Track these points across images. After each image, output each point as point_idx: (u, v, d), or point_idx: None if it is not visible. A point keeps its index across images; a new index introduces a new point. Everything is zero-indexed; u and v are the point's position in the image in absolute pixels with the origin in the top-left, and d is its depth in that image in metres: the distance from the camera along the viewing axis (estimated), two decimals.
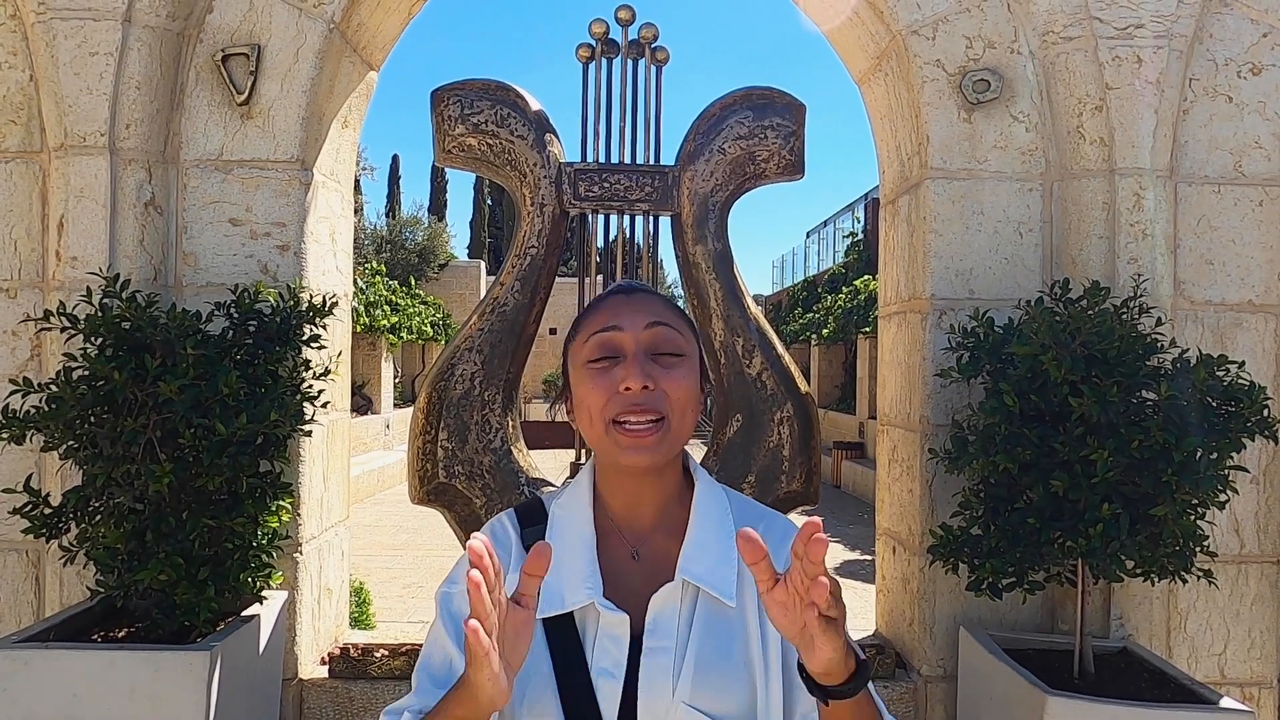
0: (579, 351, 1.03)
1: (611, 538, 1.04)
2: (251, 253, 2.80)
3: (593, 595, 0.97)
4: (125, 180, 2.68)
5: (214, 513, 2.31)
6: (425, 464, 2.68)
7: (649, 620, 0.97)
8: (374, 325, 11.87)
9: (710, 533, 1.02)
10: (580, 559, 1.00)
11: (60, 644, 2.23)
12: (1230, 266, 2.85)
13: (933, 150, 2.86)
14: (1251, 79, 2.84)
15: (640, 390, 0.97)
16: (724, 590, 0.99)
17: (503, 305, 2.73)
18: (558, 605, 0.97)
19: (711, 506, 1.05)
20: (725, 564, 1.00)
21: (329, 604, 3.12)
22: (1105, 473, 2.16)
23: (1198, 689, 2.30)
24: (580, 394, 1.01)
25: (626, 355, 0.99)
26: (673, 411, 0.98)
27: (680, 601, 0.99)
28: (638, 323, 1.01)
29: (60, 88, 2.63)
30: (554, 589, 0.97)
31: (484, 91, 2.74)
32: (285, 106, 2.79)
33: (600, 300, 1.08)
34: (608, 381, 0.98)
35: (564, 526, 1.04)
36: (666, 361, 1.00)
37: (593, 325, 1.03)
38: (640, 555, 1.03)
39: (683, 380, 0.99)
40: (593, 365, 1.01)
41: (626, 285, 1.09)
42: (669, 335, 1.01)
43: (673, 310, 1.06)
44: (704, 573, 0.99)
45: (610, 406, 0.98)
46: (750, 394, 2.73)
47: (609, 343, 1.00)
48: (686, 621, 0.98)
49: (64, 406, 2.22)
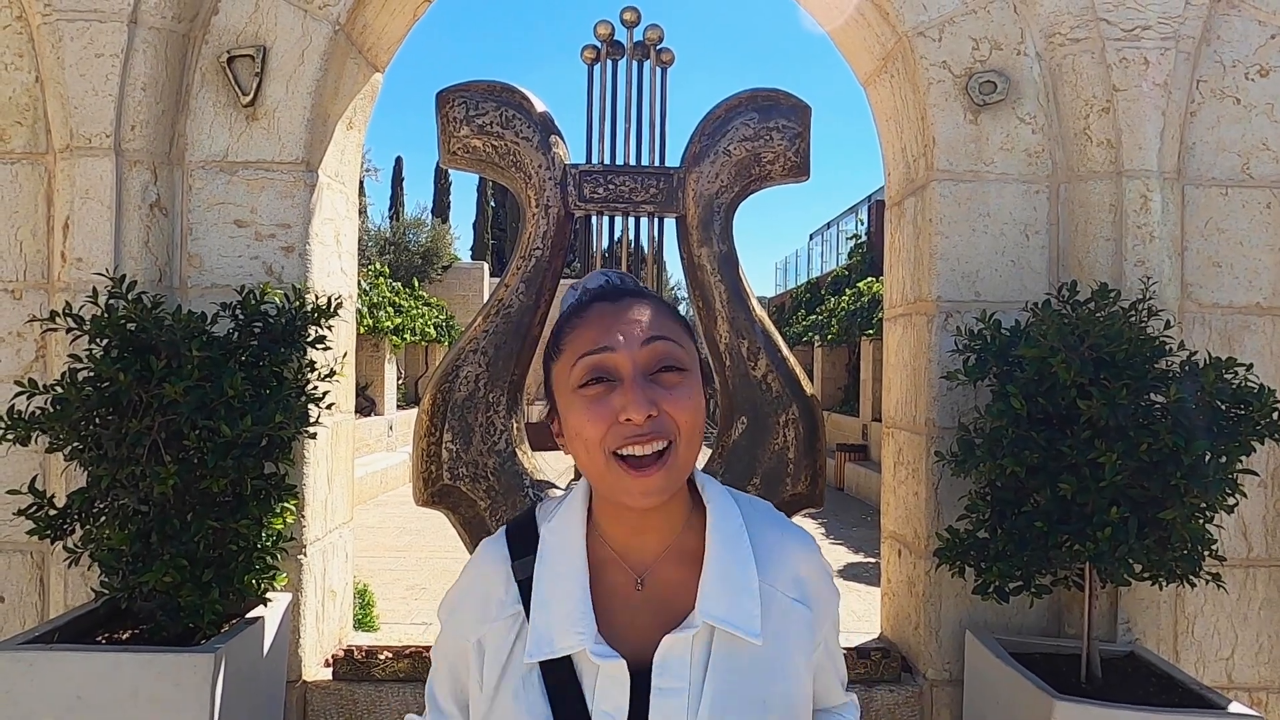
0: (566, 374, 0.91)
1: (611, 567, 0.95)
2: (256, 254, 2.80)
3: (584, 642, 0.89)
4: (130, 182, 2.68)
5: (218, 514, 2.30)
6: (430, 466, 2.68)
7: (658, 659, 0.89)
8: (377, 327, 11.87)
9: (730, 564, 0.92)
10: (572, 598, 0.91)
11: (64, 646, 2.22)
12: (1238, 269, 2.84)
13: (939, 152, 2.85)
14: (1259, 81, 2.83)
15: (644, 420, 0.86)
16: (749, 629, 0.89)
17: (508, 307, 2.73)
18: (547, 650, 0.89)
19: (728, 532, 0.94)
20: (748, 596, 0.91)
21: (333, 606, 3.11)
22: (1114, 476, 2.15)
23: (1206, 694, 2.28)
24: (574, 424, 0.90)
25: (623, 379, 0.88)
26: (680, 437, 0.88)
27: (692, 641, 0.90)
28: (632, 340, 0.89)
29: (66, 89, 2.63)
30: (543, 630, 0.90)
31: (489, 93, 2.74)
32: (290, 108, 2.79)
33: (583, 309, 0.94)
34: (605, 410, 0.87)
35: (554, 557, 0.94)
36: (668, 380, 0.89)
37: (580, 344, 0.90)
38: (645, 584, 0.94)
39: (688, 401, 0.89)
40: (584, 391, 0.89)
41: (610, 288, 0.97)
42: (668, 350, 0.90)
43: (668, 316, 0.94)
44: (726, 613, 0.89)
45: (610, 438, 0.87)
46: (755, 396, 2.72)
47: (601, 365, 0.88)
48: (701, 661, 0.89)
49: (69, 408, 2.22)
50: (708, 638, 0.90)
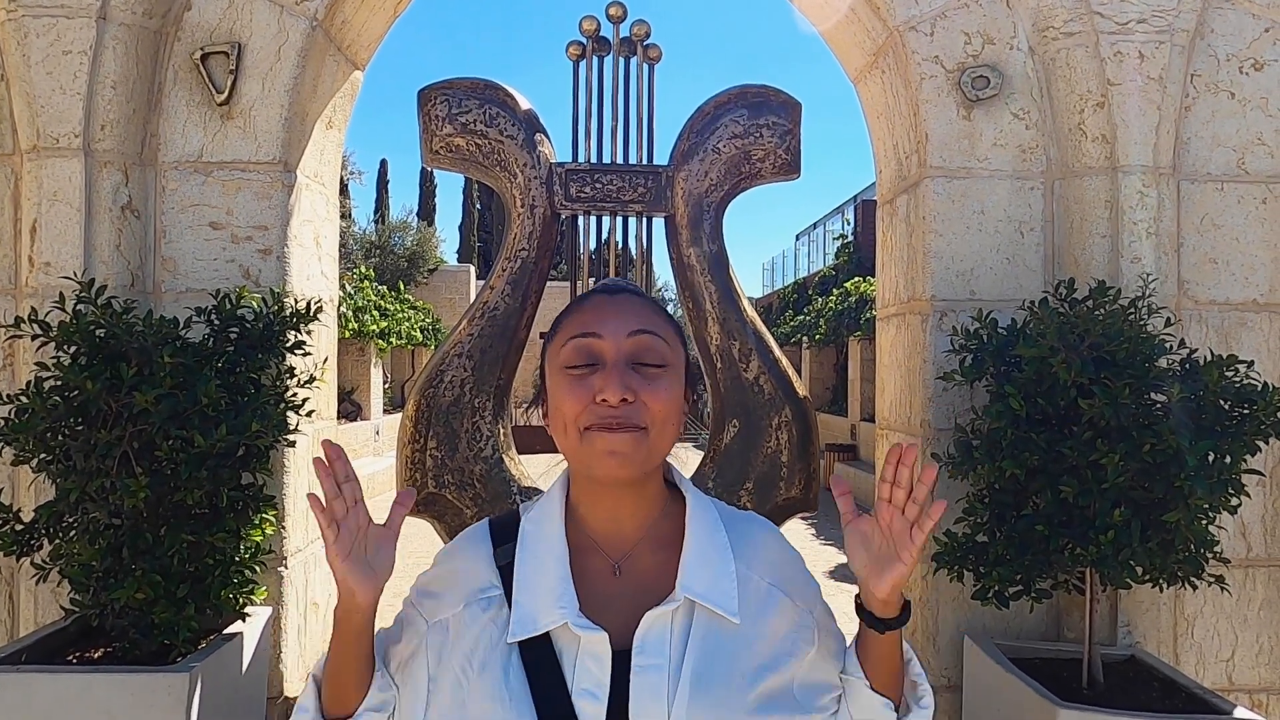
0: (556, 354, 0.98)
1: (589, 553, 0.99)
2: (233, 257, 2.71)
3: (566, 615, 0.92)
4: (101, 183, 2.59)
5: (193, 528, 2.22)
6: (414, 473, 2.60)
7: (638, 637, 0.92)
8: (363, 330, 11.75)
9: (708, 547, 0.98)
10: (552, 575, 0.95)
11: (33, 667, 2.14)
12: (1234, 265, 2.81)
13: (931, 148, 2.80)
14: (1254, 74, 2.80)
15: (619, 403, 0.92)
16: (727, 606, 0.94)
17: (493, 310, 2.66)
18: (531, 627, 0.92)
19: (706, 520, 1.00)
20: (726, 579, 0.96)
21: (315, 619, 3.03)
22: (1116, 478, 2.10)
23: (1209, 697, 2.24)
24: (556, 400, 0.96)
25: (606, 363, 0.94)
26: (652, 424, 0.93)
27: (672, 618, 0.93)
28: (620, 330, 0.95)
29: (32, 87, 2.54)
30: (526, 609, 0.94)
31: (472, 90, 2.67)
32: (267, 106, 2.70)
33: (582, 300, 1.02)
34: (584, 390, 0.93)
35: (534, 542, 0.99)
36: (648, 373, 0.95)
37: (572, 328, 0.98)
38: (623, 570, 0.98)
39: (664, 392, 0.94)
40: (570, 371, 0.95)
41: (612, 285, 1.04)
42: (652, 344, 0.96)
43: (659, 315, 1.00)
44: (706, 590, 0.94)
45: (585, 416, 0.93)
46: (747, 399, 2.66)
47: (588, 349, 0.95)
48: (681, 638, 0.93)
49: (35, 418, 2.13)
50: (687, 617, 0.94)
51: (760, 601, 0.97)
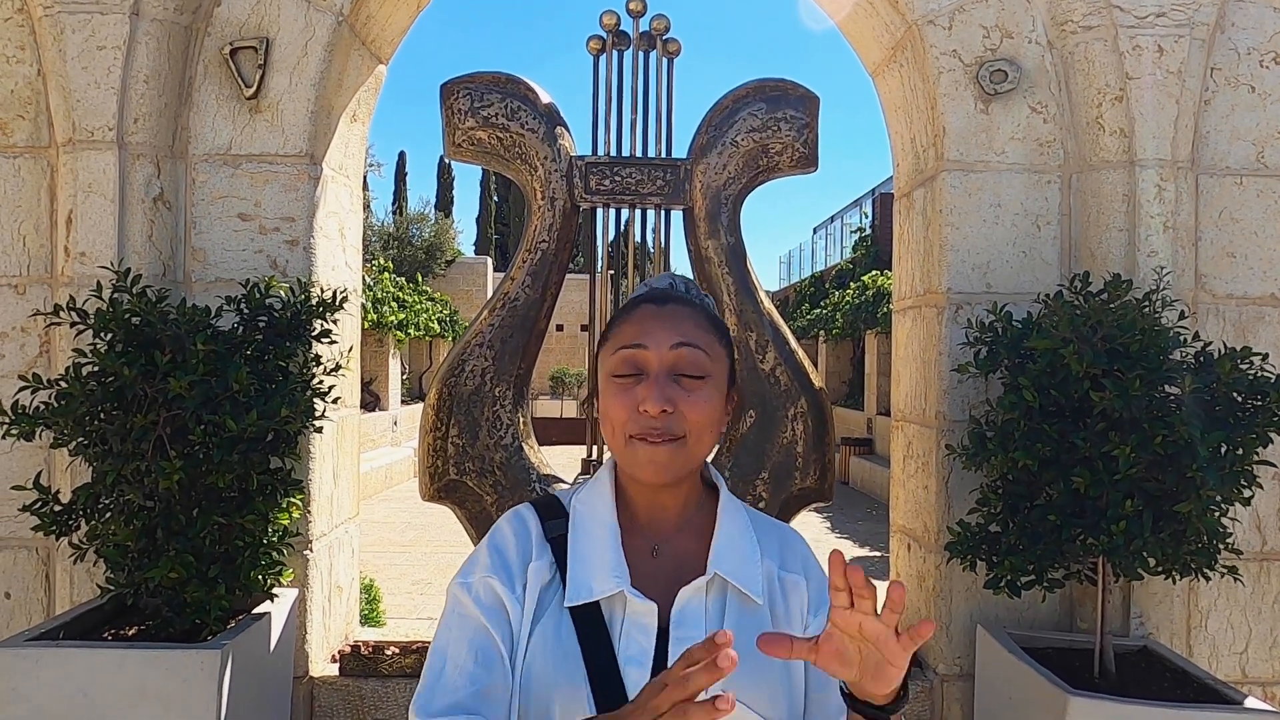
0: (606, 361, 1.06)
1: (631, 535, 1.07)
2: (261, 248, 2.78)
3: (620, 584, 1.00)
4: (134, 175, 2.66)
5: (224, 510, 2.29)
6: (436, 461, 2.66)
7: (675, 611, 1.00)
8: (381, 322, 11.86)
9: (737, 536, 1.07)
10: (607, 549, 1.03)
11: (70, 642, 2.21)
12: (1253, 259, 2.81)
13: (949, 142, 2.82)
14: (1275, 68, 2.79)
15: (659, 414, 0.99)
16: (752, 587, 1.03)
17: (514, 300, 2.70)
18: (585, 594, 1.00)
19: (736, 512, 1.10)
20: (751, 564, 1.05)
21: (339, 601, 3.10)
22: (1128, 469, 2.12)
23: (1221, 689, 2.26)
24: (605, 405, 1.05)
25: (649, 375, 1.02)
26: (690, 433, 1.01)
27: (707, 595, 1.02)
28: (664, 342, 1.02)
29: (68, 82, 2.61)
30: (581, 579, 1.01)
31: (494, 84, 2.71)
32: (294, 100, 2.76)
33: (633, 307, 1.09)
34: (629, 399, 1.01)
35: (587, 520, 1.06)
36: (689, 384, 1.02)
37: (621, 338, 1.05)
38: (660, 552, 1.06)
39: (702, 404, 1.02)
40: (617, 379, 1.03)
41: (661, 292, 1.10)
42: (694, 357, 1.03)
43: (704, 324, 1.06)
44: (733, 569, 1.03)
45: (630, 424, 1.01)
46: (764, 390, 2.70)
47: (634, 360, 1.03)
48: (715, 614, 1.01)
49: (73, 403, 2.20)
50: (721, 596, 1.03)
51: (783, 593, 1.06)
